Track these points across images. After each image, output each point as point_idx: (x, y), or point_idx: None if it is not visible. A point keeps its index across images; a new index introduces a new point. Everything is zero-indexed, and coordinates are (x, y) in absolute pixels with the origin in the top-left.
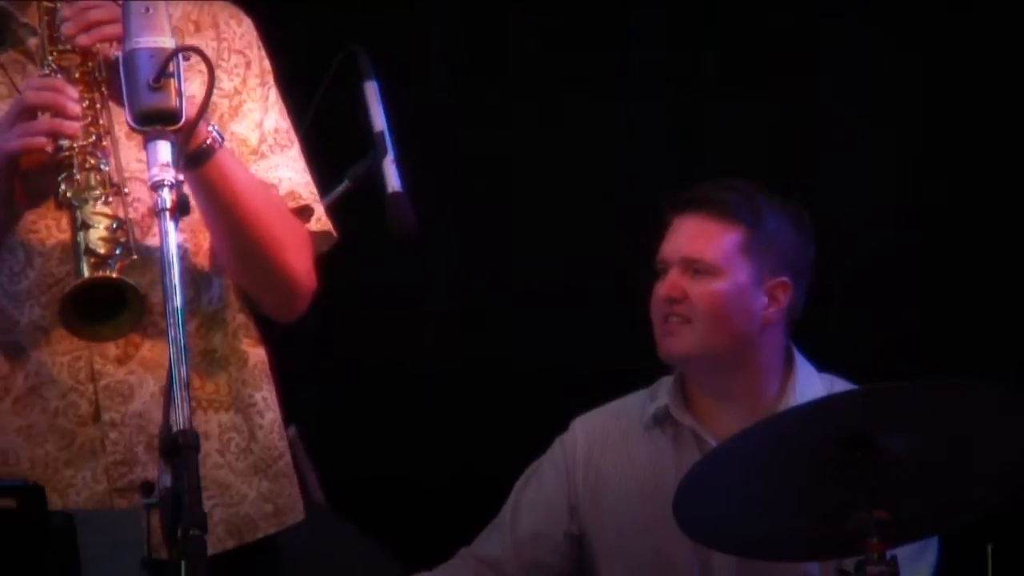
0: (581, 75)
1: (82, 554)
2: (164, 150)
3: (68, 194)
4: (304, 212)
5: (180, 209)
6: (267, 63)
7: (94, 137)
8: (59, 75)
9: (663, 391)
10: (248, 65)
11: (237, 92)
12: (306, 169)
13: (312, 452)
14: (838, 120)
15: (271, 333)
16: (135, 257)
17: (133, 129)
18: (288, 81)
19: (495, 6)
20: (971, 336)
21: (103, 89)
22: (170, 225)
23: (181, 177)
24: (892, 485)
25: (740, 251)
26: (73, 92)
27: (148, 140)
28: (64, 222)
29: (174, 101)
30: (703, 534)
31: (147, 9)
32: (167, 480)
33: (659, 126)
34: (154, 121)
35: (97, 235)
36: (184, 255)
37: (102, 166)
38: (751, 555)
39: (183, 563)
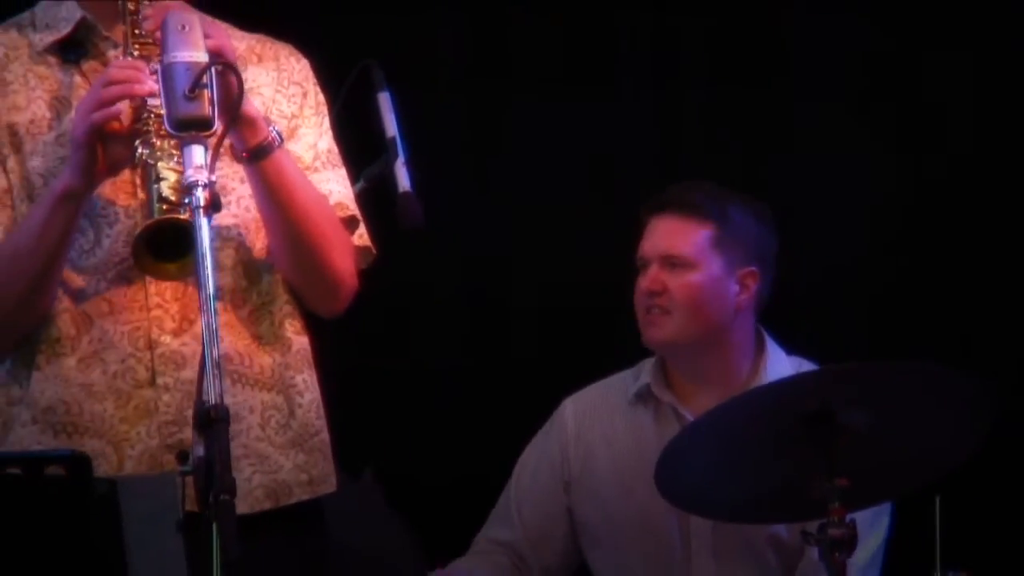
0: (582, 76)
1: (124, 517)
2: (198, 154)
3: (144, 155)
4: (351, 224)
5: (212, 206)
6: (322, 97)
7: None
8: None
9: (646, 371)
10: (305, 95)
11: (294, 116)
12: (351, 189)
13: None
14: (827, 117)
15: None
16: None
17: (170, 135)
18: None
19: (499, 12)
20: (927, 324)
21: None
22: (204, 221)
23: (214, 178)
24: (852, 456)
25: (712, 245)
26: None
27: (184, 145)
28: (132, 207)
29: (207, 110)
30: (682, 500)
31: (183, 27)
32: (200, 450)
33: (658, 126)
34: (189, 127)
35: (168, 185)
36: (239, 248)
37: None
38: (725, 519)
39: (215, 524)
